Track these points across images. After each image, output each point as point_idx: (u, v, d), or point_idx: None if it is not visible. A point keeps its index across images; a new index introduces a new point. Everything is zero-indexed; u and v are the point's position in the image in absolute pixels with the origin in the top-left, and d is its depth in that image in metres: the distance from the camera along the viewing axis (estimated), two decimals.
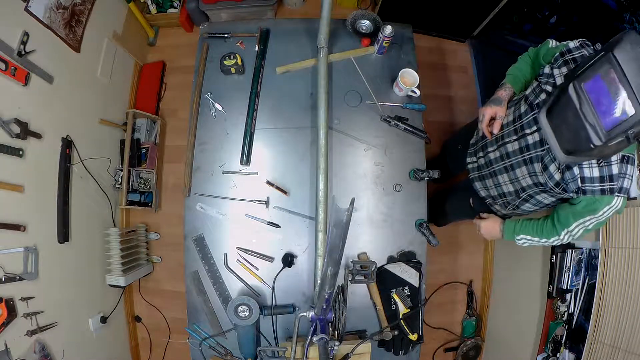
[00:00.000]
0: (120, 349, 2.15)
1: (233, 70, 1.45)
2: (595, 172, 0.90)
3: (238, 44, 1.52)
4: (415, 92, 1.44)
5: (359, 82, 1.47)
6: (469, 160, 1.39)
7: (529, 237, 1.16)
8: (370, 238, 1.39)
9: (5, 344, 1.35)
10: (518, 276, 2.01)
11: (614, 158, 0.88)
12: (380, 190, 1.41)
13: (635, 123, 0.71)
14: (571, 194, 0.97)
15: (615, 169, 0.89)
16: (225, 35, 1.52)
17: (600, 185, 0.90)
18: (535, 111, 1.01)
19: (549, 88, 0.97)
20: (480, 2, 2.19)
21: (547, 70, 1.00)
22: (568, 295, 1.57)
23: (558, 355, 1.59)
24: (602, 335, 1.38)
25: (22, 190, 1.49)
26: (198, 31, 1.56)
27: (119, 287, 1.98)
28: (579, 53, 0.94)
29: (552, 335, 1.60)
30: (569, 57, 0.95)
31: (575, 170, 0.92)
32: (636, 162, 0.91)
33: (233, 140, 1.44)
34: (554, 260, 1.55)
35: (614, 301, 1.35)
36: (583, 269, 1.52)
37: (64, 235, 1.71)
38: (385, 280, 1.32)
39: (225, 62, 1.43)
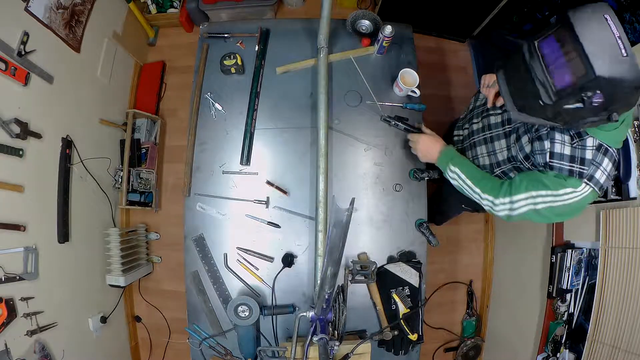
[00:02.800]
0: (120, 349, 2.15)
1: (233, 70, 1.45)
2: (567, 150, 0.87)
3: (238, 44, 1.52)
4: (415, 92, 1.44)
5: (359, 82, 1.46)
6: (455, 133, 1.39)
7: (463, 177, 1.09)
8: (370, 238, 1.39)
9: (5, 344, 1.35)
10: (518, 276, 2.01)
11: (589, 142, 0.85)
12: (380, 190, 1.41)
13: (586, 84, 0.69)
14: (540, 168, 0.94)
15: (589, 154, 0.86)
16: (225, 35, 1.52)
17: (570, 165, 0.87)
18: None
19: None
20: (480, 2, 2.19)
21: None
22: (568, 295, 1.57)
23: (558, 355, 1.59)
24: (602, 335, 1.38)
25: (22, 190, 1.49)
26: (198, 31, 1.56)
27: (119, 287, 1.98)
28: None
29: (552, 335, 1.60)
30: None
31: (546, 143, 0.90)
32: (636, 163, 0.91)
33: (233, 140, 1.44)
34: (554, 260, 1.55)
35: (614, 301, 1.35)
36: (583, 269, 1.52)
37: (64, 235, 1.71)
38: (385, 280, 1.32)
39: (225, 62, 1.43)
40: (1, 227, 1.38)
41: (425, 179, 1.38)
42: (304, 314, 1.08)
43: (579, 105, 0.72)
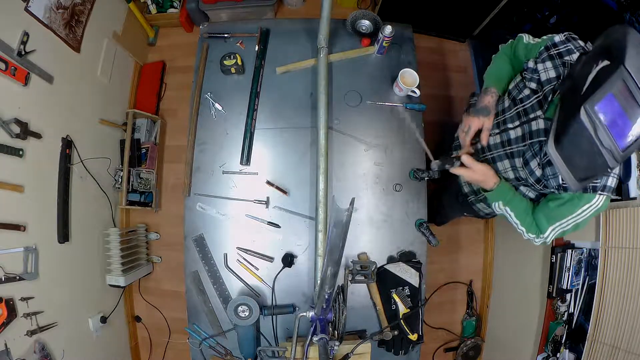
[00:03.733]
0: (120, 349, 2.14)
1: (233, 70, 1.45)
2: None
3: (238, 44, 1.52)
4: (415, 92, 1.44)
5: (359, 82, 1.47)
6: (454, 154, 1.36)
7: (512, 215, 1.04)
8: (370, 238, 1.39)
9: (5, 344, 1.35)
10: (518, 276, 2.01)
11: None
12: (380, 190, 1.41)
13: None
14: (552, 190, 0.93)
15: None
16: (225, 35, 1.52)
17: None
18: (517, 106, 0.99)
19: (533, 85, 0.95)
20: (480, 2, 2.19)
21: (531, 64, 0.96)
22: (568, 295, 1.57)
23: (558, 355, 1.59)
24: (602, 335, 1.38)
25: (22, 190, 1.49)
26: (198, 31, 1.56)
27: (119, 287, 1.98)
28: (565, 47, 0.90)
29: (552, 335, 1.60)
30: (554, 52, 0.91)
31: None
32: (636, 163, 0.90)
33: (233, 140, 1.44)
34: (554, 260, 1.55)
35: (614, 301, 1.35)
36: (583, 269, 1.52)
37: (64, 235, 1.71)
38: (385, 280, 1.32)
39: (225, 62, 1.43)
40: (1, 227, 1.38)
41: (425, 178, 1.38)
42: (304, 314, 1.08)
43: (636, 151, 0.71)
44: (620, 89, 0.65)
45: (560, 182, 0.88)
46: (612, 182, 0.85)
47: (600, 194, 0.86)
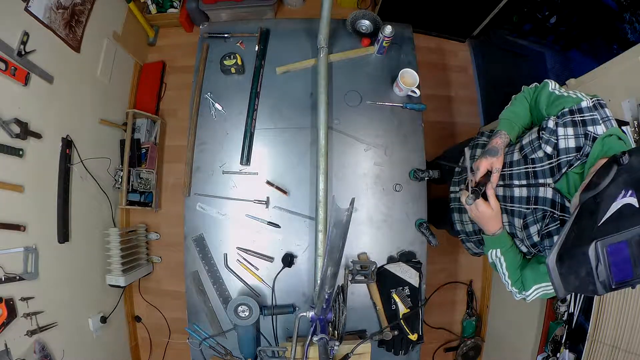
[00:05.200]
0: (120, 349, 2.15)
1: (233, 70, 1.45)
2: None
3: (238, 44, 1.52)
4: (415, 92, 1.44)
5: (359, 82, 1.47)
6: (451, 189, 1.35)
7: (504, 265, 1.04)
8: (370, 238, 1.39)
9: (5, 344, 1.35)
10: None
11: None
12: (380, 190, 1.41)
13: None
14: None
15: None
16: (225, 35, 1.52)
17: None
18: (528, 165, 0.94)
19: (548, 150, 0.89)
20: (480, 2, 2.19)
21: (551, 124, 0.89)
22: (568, 296, 1.57)
23: (558, 355, 1.59)
24: (602, 335, 1.38)
25: (22, 190, 1.49)
26: (198, 31, 1.56)
27: (119, 287, 1.98)
28: (590, 116, 0.85)
29: (552, 335, 1.60)
30: (579, 119, 0.85)
31: (556, 239, 0.85)
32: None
33: (233, 140, 1.44)
34: None
35: (614, 301, 1.35)
36: None
37: (64, 235, 1.71)
38: (385, 280, 1.32)
39: (225, 62, 1.43)
40: (1, 227, 1.38)
41: (426, 178, 1.38)
42: (304, 314, 1.08)
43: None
44: (637, 240, 0.65)
45: None
46: None
47: None
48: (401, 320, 1.29)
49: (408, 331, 1.28)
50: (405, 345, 1.30)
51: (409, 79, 1.41)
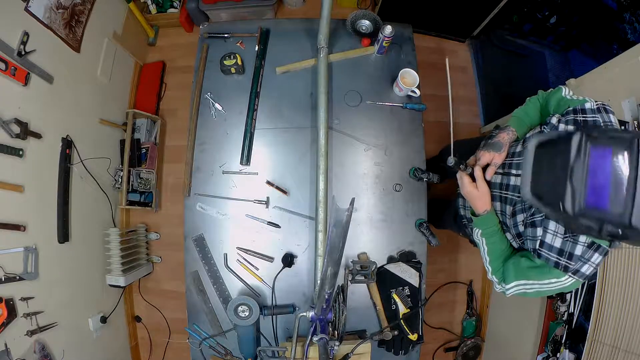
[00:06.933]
0: (120, 349, 2.15)
1: (233, 70, 1.45)
2: (557, 243, 0.83)
3: (238, 44, 1.52)
4: (415, 92, 1.44)
5: (359, 82, 1.47)
6: (458, 175, 1.37)
7: (486, 248, 1.04)
8: (370, 238, 1.39)
9: (5, 344, 1.35)
10: None
11: (582, 239, 0.80)
12: (380, 190, 1.41)
13: (614, 220, 0.64)
14: (529, 250, 0.92)
15: (578, 250, 0.81)
16: (225, 35, 1.52)
17: (557, 258, 0.84)
18: None
19: None
20: (480, 2, 2.19)
21: (554, 121, 0.92)
22: (568, 295, 1.57)
23: (558, 355, 1.59)
24: (602, 335, 1.38)
25: (22, 190, 1.49)
26: (198, 31, 1.56)
27: (119, 287, 1.98)
28: (592, 117, 0.86)
29: (552, 335, 1.60)
30: (581, 118, 0.87)
31: (539, 230, 0.86)
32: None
33: (233, 140, 1.44)
34: None
35: (614, 301, 1.35)
36: None
37: (64, 235, 1.71)
38: (385, 280, 1.32)
39: (225, 62, 1.43)
40: (1, 227, 1.38)
41: (424, 180, 1.37)
42: (304, 314, 1.08)
43: (594, 228, 0.67)
44: (620, 155, 0.62)
45: (537, 246, 0.87)
46: (587, 269, 0.82)
47: (571, 276, 0.84)
48: (401, 320, 1.29)
49: (408, 331, 1.28)
50: (405, 345, 1.30)
51: (409, 79, 1.41)
